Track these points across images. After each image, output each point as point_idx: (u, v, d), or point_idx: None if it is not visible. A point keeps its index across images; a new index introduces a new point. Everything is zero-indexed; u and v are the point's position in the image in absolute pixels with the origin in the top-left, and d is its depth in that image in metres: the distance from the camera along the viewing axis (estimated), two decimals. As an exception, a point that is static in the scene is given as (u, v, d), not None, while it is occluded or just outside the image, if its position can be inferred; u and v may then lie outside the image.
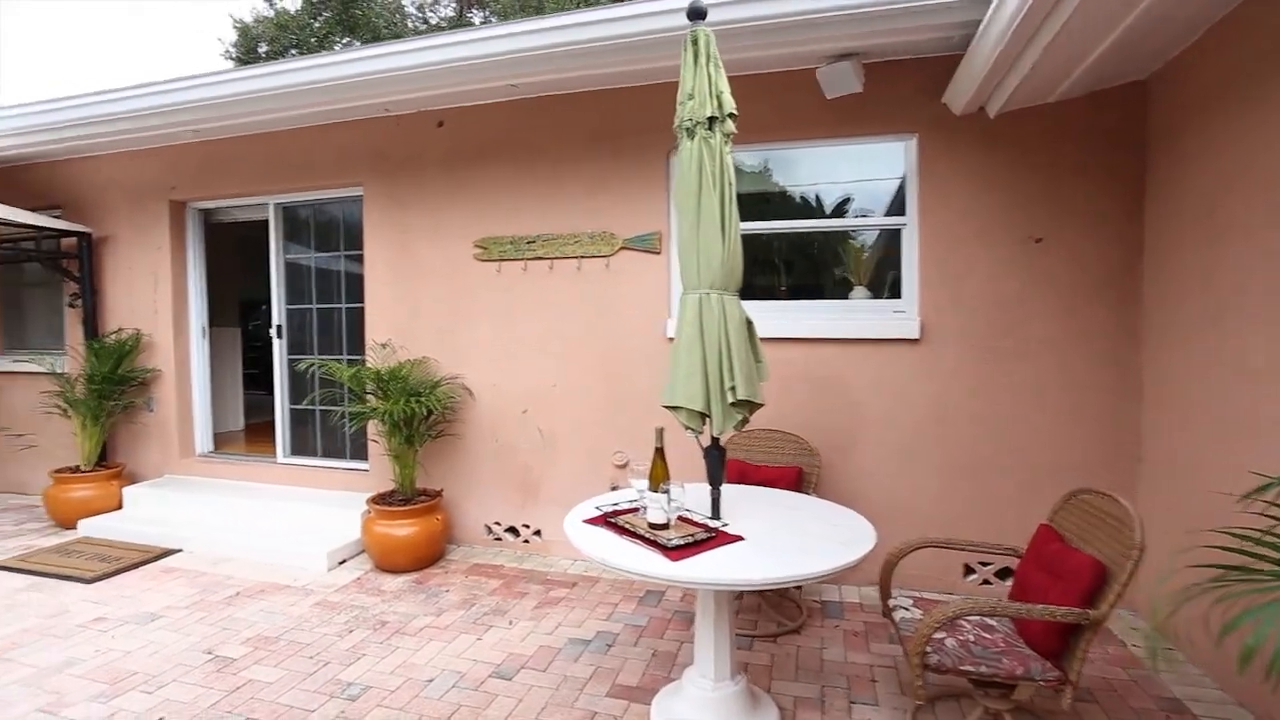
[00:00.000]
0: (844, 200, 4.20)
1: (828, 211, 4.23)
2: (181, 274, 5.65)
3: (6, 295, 6.45)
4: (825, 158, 4.15)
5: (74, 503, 5.19)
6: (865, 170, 4.08)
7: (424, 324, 4.77)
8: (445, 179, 4.68)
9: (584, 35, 3.68)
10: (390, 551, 4.23)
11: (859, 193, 4.14)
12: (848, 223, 4.14)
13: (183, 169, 5.47)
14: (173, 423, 5.64)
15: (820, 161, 4.17)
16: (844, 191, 4.19)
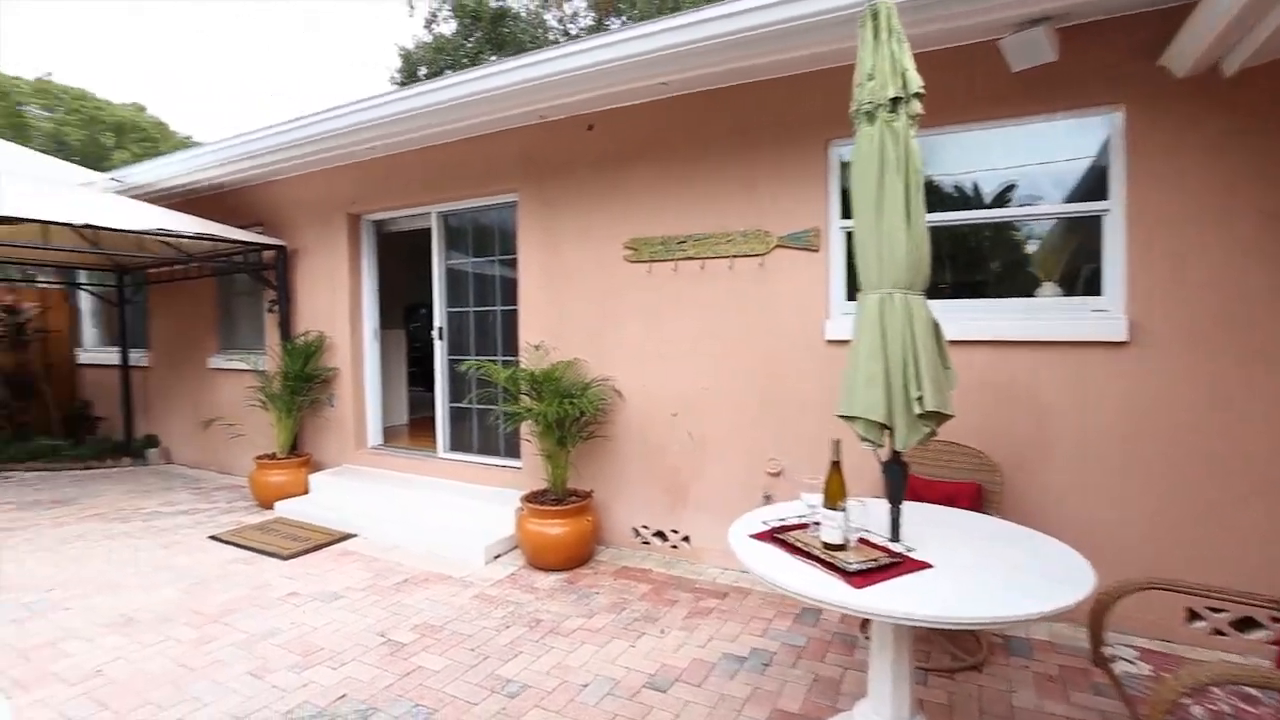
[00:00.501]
0: (1006, 188, 3.74)
1: (986, 201, 3.78)
2: (357, 281, 6.15)
3: (221, 302, 7.37)
4: (979, 143, 3.70)
5: (271, 486, 5.81)
6: (1034, 153, 3.58)
7: (574, 326, 4.84)
8: (595, 182, 4.72)
9: (745, 23, 3.54)
10: (542, 549, 4.32)
11: (1026, 178, 3.66)
12: (1033, 211, 3.66)
13: (358, 184, 5.95)
14: (349, 417, 6.16)
15: (974, 147, 3.72)
16: (1005, 178, 3.72)
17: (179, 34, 51.47)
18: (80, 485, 6.81)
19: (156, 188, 6.88)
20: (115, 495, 6.38)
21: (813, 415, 4.02)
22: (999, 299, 3.68)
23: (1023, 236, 3.79)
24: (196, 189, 6.92)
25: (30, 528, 5.35)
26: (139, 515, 5.67)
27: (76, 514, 5.73)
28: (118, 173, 6.90)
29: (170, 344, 7.88)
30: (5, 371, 8.43)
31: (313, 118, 5.33)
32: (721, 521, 4.31)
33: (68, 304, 9.22)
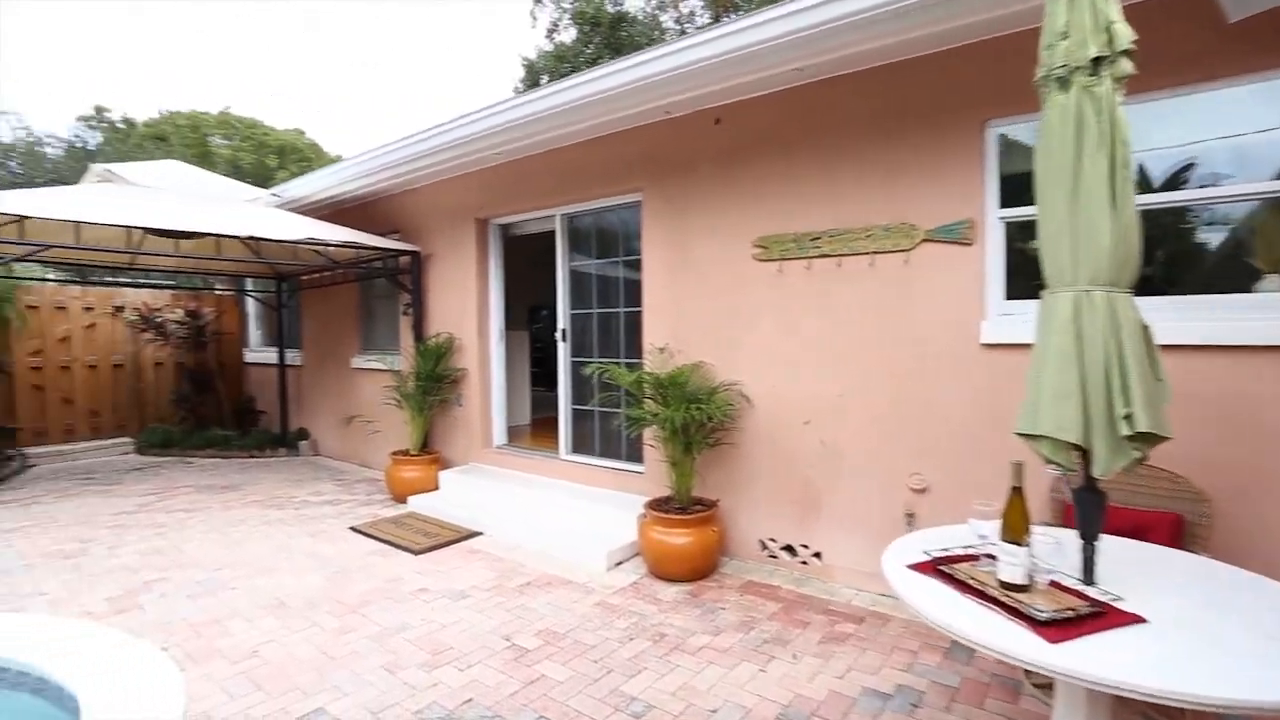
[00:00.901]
0: (1183, 167, 3.15)
1: (1184, 180, 3.19)
2: (484, 283, 6.32)
3: (362, 306, 7.86)
4: (1175, 111, 3.14)
5: (405, 481, 6.08)
6: (1252, 120, 2.98)
7: (699, 327, 4.68)
8: (722, 178, 4.53)
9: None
10: (665, 559, 4.19)
11: (1207, 154, 3.07)
12: (1258, 190, 3.06)
13: (486, 190, 6.11)
14: (476, 417, 6.34)
15: (1167, 116, 3.16)
16: (1186, 155, 3.13)
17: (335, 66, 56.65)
18: (245, 473, 7.49)
19: (308, 201, 7.46)
20: (272, 484, 6.95)
21: (963, 428, 3.62)
22: (1206, 295, 3.12)
23: (1231, 220, 3.19)
24: (342, 201, 7.42)
25: (204, 510, 5.91)
26: (291, 504, 6.12)
27: (240, 500, 6.28)
28: (277, 188, 7.56)
29: (319, 345, 8.52)
30: (188, 369, 9.48)
31: (442, 127, 5.52)
32: (857, 538, 4.01)
33: (237, 309, 10.24)
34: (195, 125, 24.85)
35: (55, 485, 6.96)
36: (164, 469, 7.77)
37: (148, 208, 5.17)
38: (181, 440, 8.61)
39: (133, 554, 4.78)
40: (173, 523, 5.54)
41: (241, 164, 22.65)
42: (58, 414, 8.61)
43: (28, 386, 8.36)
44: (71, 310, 8.69)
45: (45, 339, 8.47)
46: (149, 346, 9.12)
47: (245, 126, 25.94)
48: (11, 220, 4.92)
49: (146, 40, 49.43)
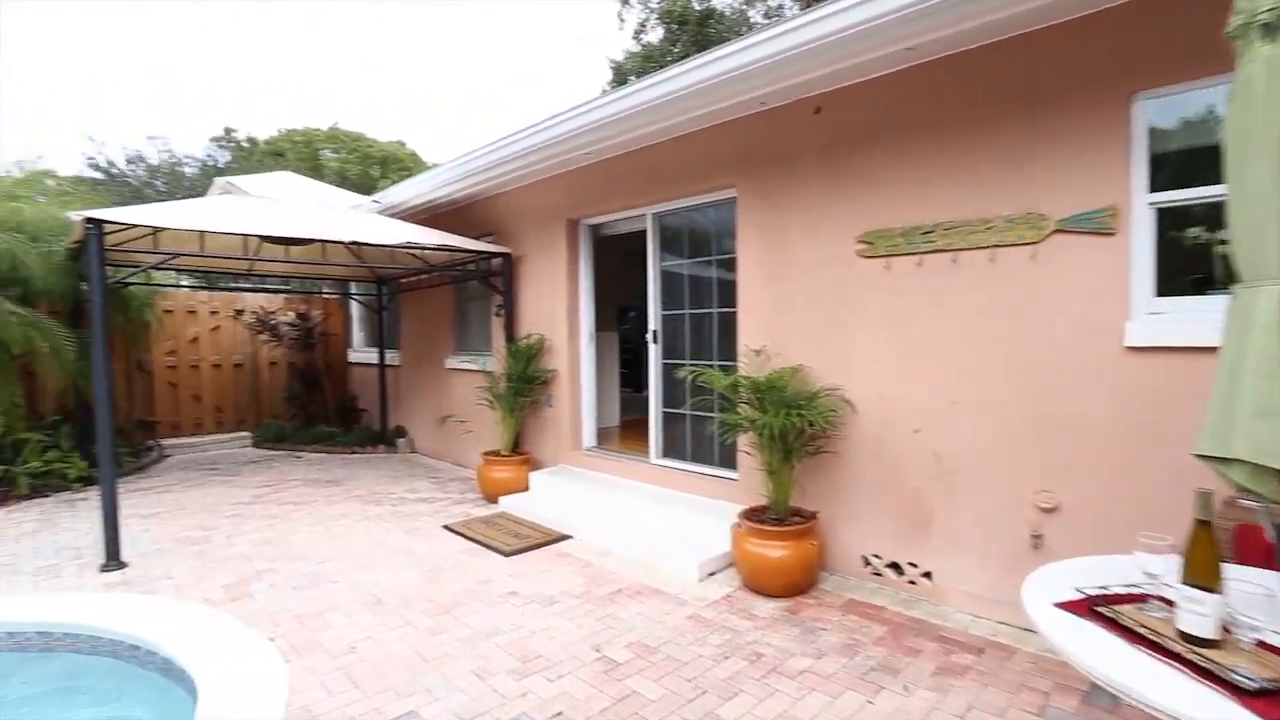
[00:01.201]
0: None
1: None
2: (574, 284, 6.30)
3: (457, 308, 8.06)
4: None
5: (496, 481, 6.14)
6: None
7: (798, 329, 4.43)
8: (822, 171, 4.27)
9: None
10: (760, 572, 3.97)
11: None
12: None
13: (575, 190, 6.08)
14: (565, 418, 6.32)
15: None
16: None
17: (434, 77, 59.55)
18: (347, 468, 7.83)
19: (406, 206, 7.71)
20: (371, 480, 7.21)
21: (1101, 441, 3.21)
22: None
23: None
24: (437, 205, 7.62)
25: (310, 504, 6.19)
26: (389, 500, 6.31)
27: (343, 494, 6.54)
28: (378, 195, 7.86)
29: (416, 345, 8.81)
30: (299, 368, 10.06)
31: (533, 128, 5.52)
32: (974, 559, 3.65)
33: (342, 311, 10.77)
34: (308, 141, 26.64)
35: (185, 475, 7.51)
36: (276, 463, 8.24)
37: (261, 217, 5.46)
38: (292, 436, 9.13)
39: (247, 543, 5.04)
40: (282, 514, 5.83)
41: (348, 174, 24.03)
42: (188, 409, 9.34)
43: (164, 384, 9.11)
44: (200, 314, 9.40)
45: (178, 340, 9.20)
46: (265, 347, 9.74)
47: (351, 140, 27.56)
48: (149, 232, 5.32)
49: (266, 64, 53.60)
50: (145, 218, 4.68)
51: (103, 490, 4.57)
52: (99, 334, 4.50)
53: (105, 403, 4.58)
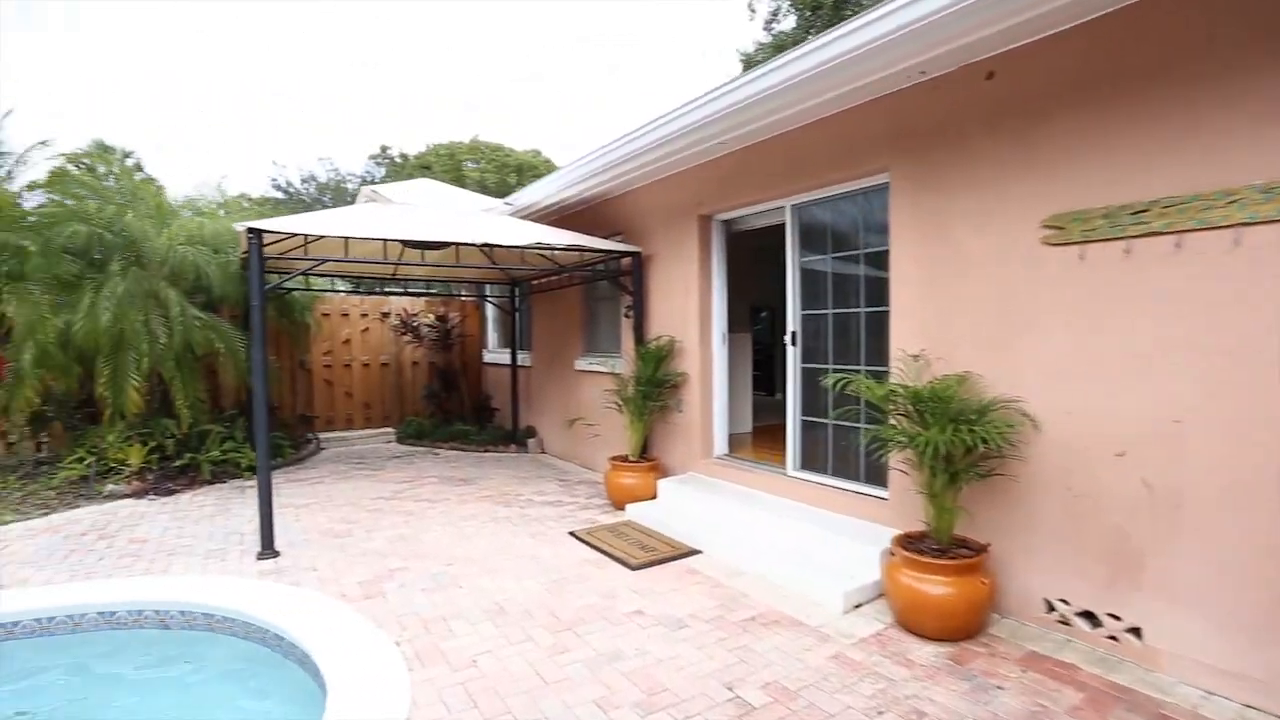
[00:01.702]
0: None
1: None
2: (707, 283, 5.97)
3: (586, 309, 7.99)
4: None
5: (623, 488, 5.94)
6: None
7: (964, 331, 3.83)
8: (996, 146, 3.65)
9: None
10: (917, 609, 3.44)
11: None
12: None
13: (707, 184, 5.75)
14: (696, 424, 6.01)
15: None
16: None
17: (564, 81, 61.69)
18: (479, 467, 7.99)
19: (537, 207, 7.73)
20: (501, 480, 7.28)
21: None
22: None
23: None
24: (566, 206, 7.57)
25: (444, 501, 6.32)
26: (517, 501, 6.30)
27: (474, 494, 6.62)
28: (510, 198, 7.96)
29: (546, 346, 8.87)
30: (439, 368, 10.51)
31: (664, 118, 5.26)
32: (1204, 617, 2.91)
33: (478, 313, 11.15)
34: (451, 154, 28.35)
35: (336, 467, 8.00)
36: (415, 458, 8.60)
37: (397, 222, 5.63)
38: (430, 433, 9.52)
39: (383, 539, 5.17)
40: (417, 511, 5.97)
41: (487, 183, 25.24)
42: (341, 405, 10.03)
43: (321, 381, 9.84)
44: (352, 317, 10.08)
45: (333, 341, 9.91)
46: (407, 347, 10.27)
47: (490, 150, 29.02)
48: (307, 240, 5.63)
49: (419, 83, 58.04)
50: (296, 226, 4.92)
51: (259, 486, 4.83)
52: (257, 335, 4.76)
53: (263, 401, 4.85)
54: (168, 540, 5.19)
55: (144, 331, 6.14)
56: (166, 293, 6.39)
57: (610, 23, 64.65)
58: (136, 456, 6.69)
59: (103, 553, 4.93)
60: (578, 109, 57.76)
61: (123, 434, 6.75)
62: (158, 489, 6.53)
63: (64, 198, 6.81)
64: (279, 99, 53.92)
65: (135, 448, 6.72)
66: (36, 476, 6.71)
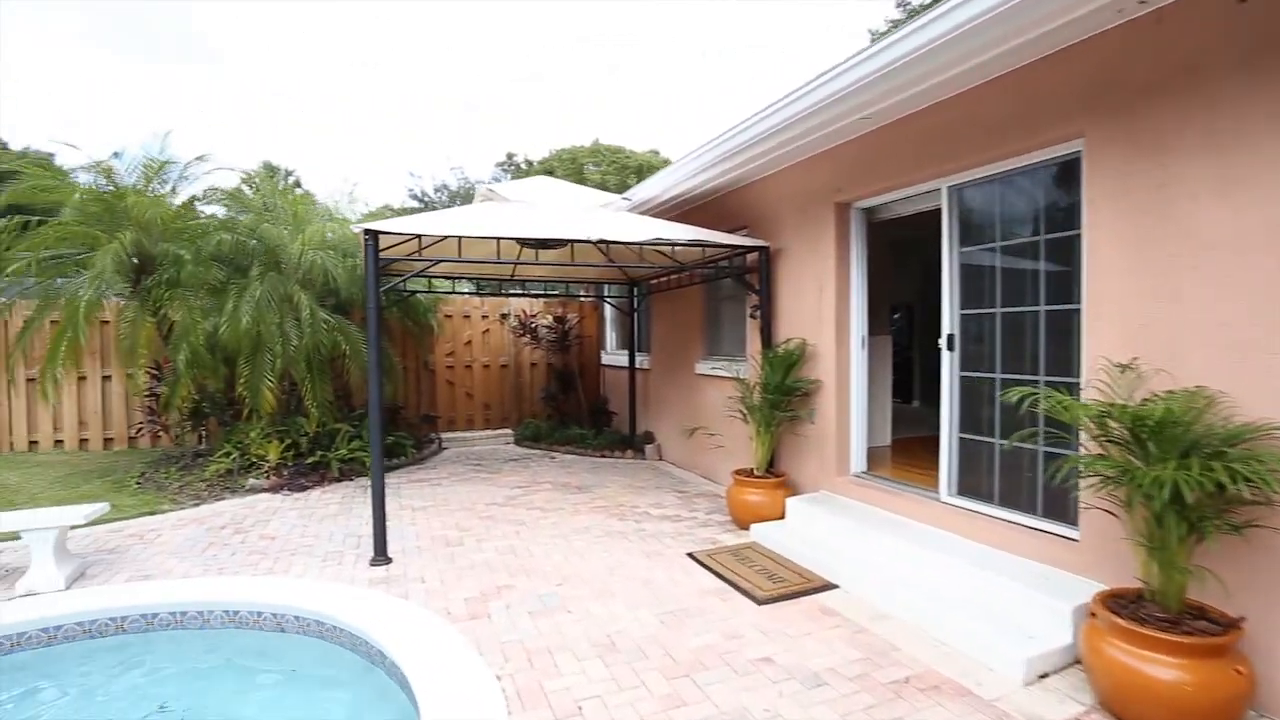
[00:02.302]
0: None
1: None
2: (844, 280, 5.30)
3: (708, 309, 7.51)
4: None
5: (748, 505, 5.40)
6: None
7: (1197, 334, 2.97)
8: (1248, 93, 2.78)
9: None
10: (1134, 695, 2.66)
11: None
12: None
13: (845, 168, 5.09)
14: (830, 437, 5.35)
15: None
16: None
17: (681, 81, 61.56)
18: (595, 473, 7.71)
19: (656, 202, 7.32)
20: (617, 489, 6.95)
21: None
22: None
23: None
24: (687, 199, 7.12)
25: (557, 511, 6.06)
26: (632, 514, 5.92)
27: (588, 503, 6.33)
28: (629, 192, 7.61)
29: (666, 349, 8.47)
30: (556, 369, 10.43)
31: (796, 93, 4.65)
32: None
33: (596, 313, 10.97)
34: (574, 157, 28.85)
35: (455, 469, 8.03)
36: (532, 462, 8.48)
37: (511, 221, 5.41)
38: (548, 435, 9.41)
39: (493, 550, 4.96)
40: (529, 521, 5.74)
41: (608, 185, 25.38)
42: (462, 406, 10.18)
43: (443, 382, 10.03)
44: (473, 318, 10.20)
45: (455, 343, 10.07)
46: (525, 349, 10.25)
47: (611, 153, 29.25)
48: (426, 240, 5.57)
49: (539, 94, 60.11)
50: (409, 226, 4.82)
51: (373, 493, 4.75)
52: (373, 338, 4.69)
53: (377, 404, 4.77)
54: (293, 539, 5.27)
55: (278, 334, 6.37)
56: (299, 296, 6.62)
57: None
58: (274, 453, 6.98)
59: (235, 547, 5.06)
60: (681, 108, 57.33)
61: (263, 431, 7.07)
62: (291, 484, 6.76)
63: (231, 210, 7.28)
64: (410, 111, 57.89)
65: (273, 444, 7.02)
66: (193, 468, 7.18)
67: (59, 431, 8.67)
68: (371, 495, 4.76)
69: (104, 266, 6.04)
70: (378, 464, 4.78)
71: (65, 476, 7.25)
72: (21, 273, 6.48)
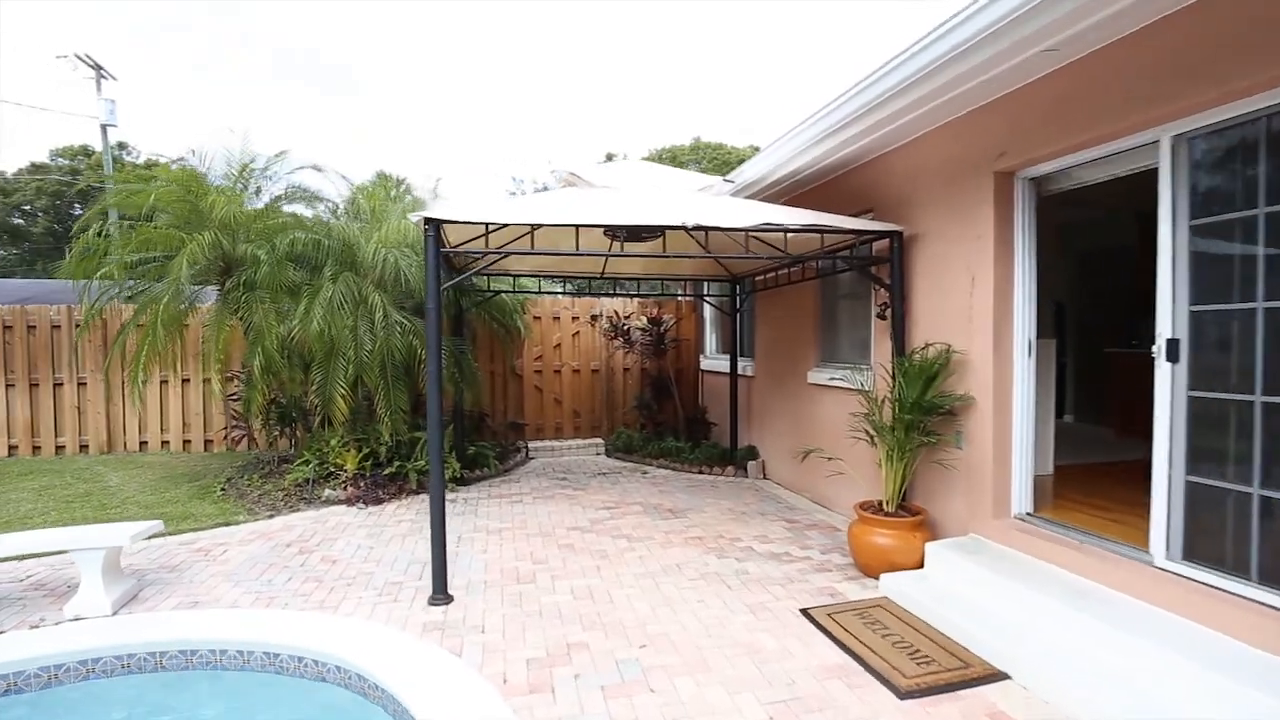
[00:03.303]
0: None
1: None
2: (1006, 270, 4.17)
3: (823, 308, 6.48)
4: None
5: (875, 549, 4.37)
6: None
7: None
8: None
9: None
10: None
11: None
12: None
13: (1013, 123, 3.96)
14: (984, 468, 4.23)
15: None
16: None
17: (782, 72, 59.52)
18: (691, 494, 6.86)
19: (764, 184, 6.33)
20: (716, 514, 6.07)
21: None
22: None
23: None
24: (799, 180, 6.10)
25: (645, 541, 5.26)
26: (733, 550, 5.02)
27: (681, 533, 5.48)
28: (733, 174, 6.65)
29: (772, 354, 7.50)
30: (651, 375, 9.67)
31: (949, 23, 3.59)
32: None
33: (695, 314, 10.10)
34: (674, 155, 28.18)
35: (539, 483, 7.41)
36: (622, 476, 7.74)
37: (593, 207, 4.66)
38: (640, 447, 8.66)
39: (568, 592, 4.23)
40: (614, 553, 4.98)
41: (709, 181, 24.56)
42: (550, 413, 9.61)
43: (531, 388, 9.50)
44: (563, 320, 9.61)
45: (544, 346, 9.52)
46: (618, 353, 9.54)
47: (711, 149, 28.36)
48: (494, 228, 4.94)
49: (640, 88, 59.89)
50: (476, 214, 4.17)
51: (432, 525, 4.14)
52: (432, 342, 4.09)
53: (437, 421, 4.14)
54: (354, 563, 4.79)
55: (350, 338, 5.97)
56: (374, 297, 6.21)
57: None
58: (351, 462, 6.63)
59: (294, 571, 4.64)
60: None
61: (342, 439, 6.75)
62: (367, 496, 6.37)
63: (310, 208, 7.05)
64: (512, 116, 59.37)
65: (351, 453, 6.67)
66: (275, 475, 6.98)
67: (165, 433, 8.85)
68: (431, 525, 4.16)
69: (180, 268, 5.86)
70: (438, 487, 4.17)
71: (159, 480, 7.25)
72: (109, 276, 6.47)
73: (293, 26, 64.66)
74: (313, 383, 6.14)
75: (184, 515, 5.89)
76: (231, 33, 66.00)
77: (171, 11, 59.79)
